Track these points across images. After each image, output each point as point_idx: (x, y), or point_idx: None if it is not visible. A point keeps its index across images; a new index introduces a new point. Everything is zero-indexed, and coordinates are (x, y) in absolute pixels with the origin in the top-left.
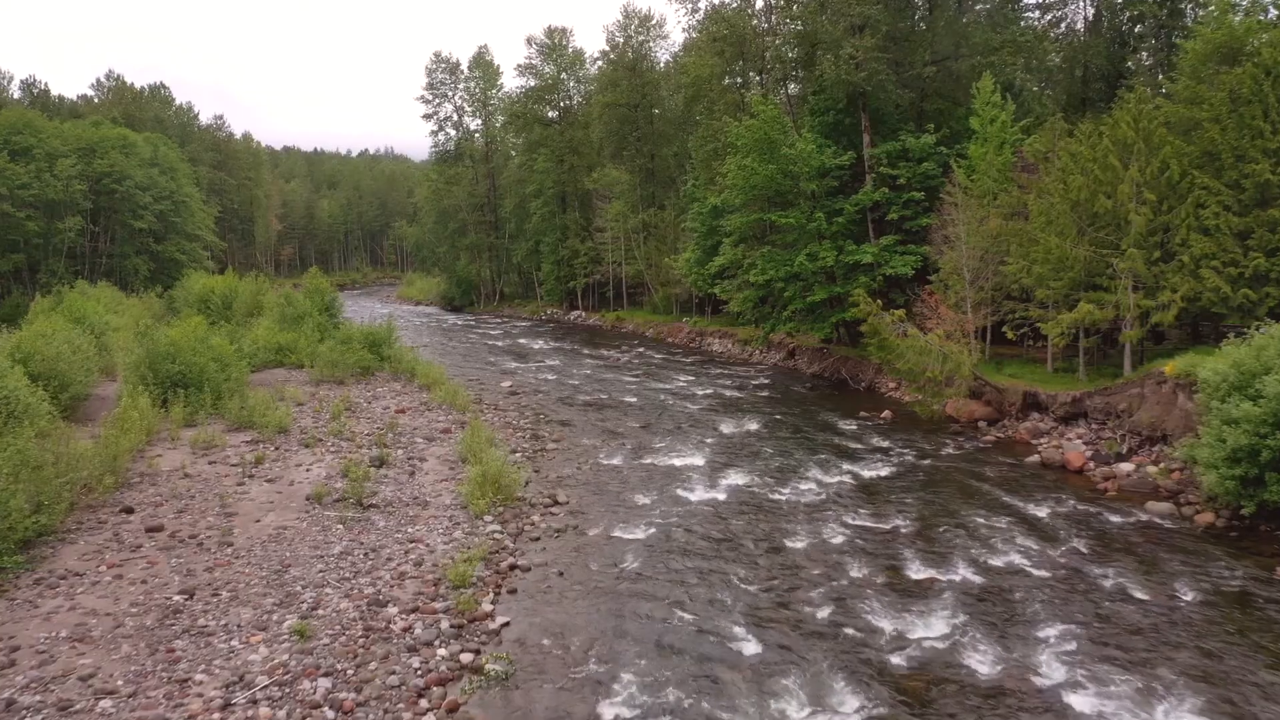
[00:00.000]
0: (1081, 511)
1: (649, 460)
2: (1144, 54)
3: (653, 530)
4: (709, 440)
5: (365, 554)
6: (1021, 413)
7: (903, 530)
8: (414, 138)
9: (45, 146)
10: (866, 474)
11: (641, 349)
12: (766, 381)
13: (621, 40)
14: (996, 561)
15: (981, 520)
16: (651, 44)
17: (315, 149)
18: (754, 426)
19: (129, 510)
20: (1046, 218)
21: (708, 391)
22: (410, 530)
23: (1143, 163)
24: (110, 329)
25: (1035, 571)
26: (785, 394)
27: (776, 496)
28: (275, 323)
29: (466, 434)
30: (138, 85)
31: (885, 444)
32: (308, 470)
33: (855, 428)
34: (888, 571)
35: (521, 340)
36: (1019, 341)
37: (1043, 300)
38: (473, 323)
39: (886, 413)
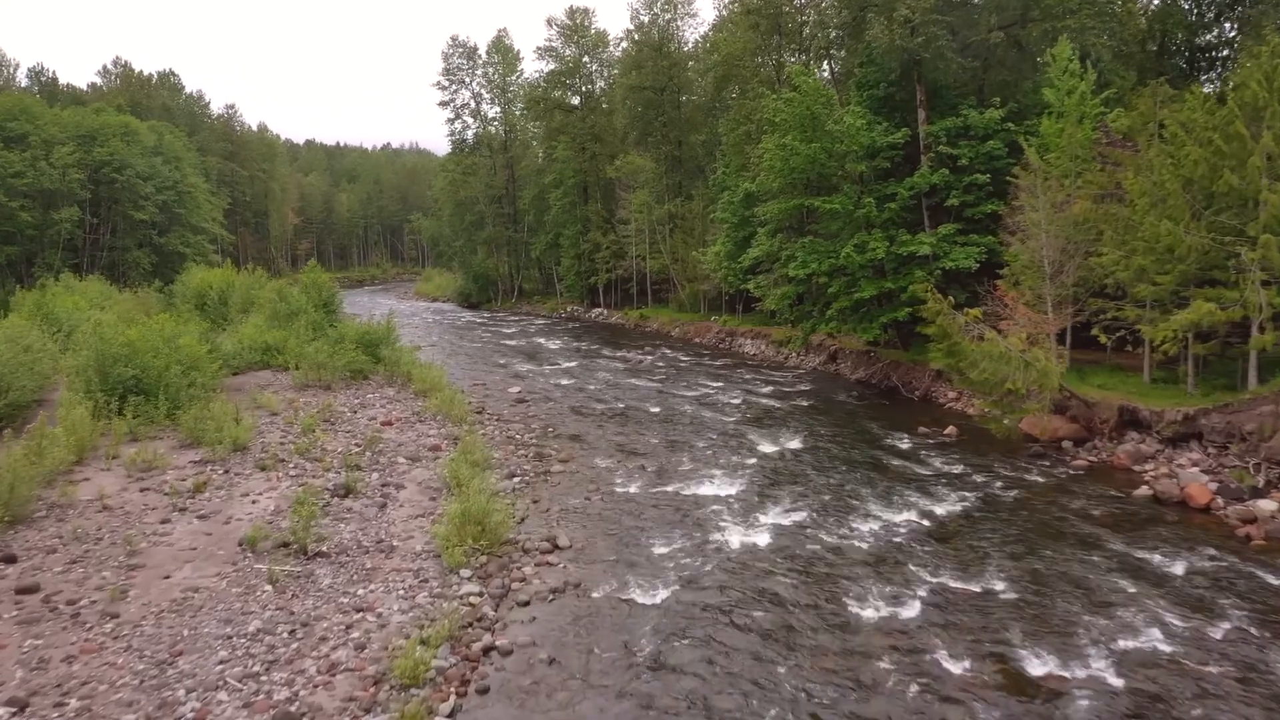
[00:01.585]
0: (1226, 569)
1: (673, 488)
2: (1229, 24)
3: (676, 591)
4: (744, 462)
5: (292, 631)
6: (1116, 432)
7: (1001, 594)
8: (439, 133)
9: (42, 133)
10: (939, 510)
11: (666, 350)
12: (806, 388)
13: (647, 19)
14: (1138, 646)
15: (1101, 580)
16: (679, 22)
17: (337, 143)
18: (796, 445)
19: (10, 559)
20: (1151, 199)
21: (740, 400)
22: (361, 592)
23: (1278, 130)
24: (89, 325)
25: (1194, 665)
26: (829, 404)
27: (831, 541)
28: (267, 320)
29: (457, 454)
30: (146, 72)
31: (955, 469)
32: (254, 502)
33: (915, 447)
34: (992, 661)
35: (538, 340)
36: (1103, 346)
37: (1139, 298)
38: (488, 320)
39: (951, 428)
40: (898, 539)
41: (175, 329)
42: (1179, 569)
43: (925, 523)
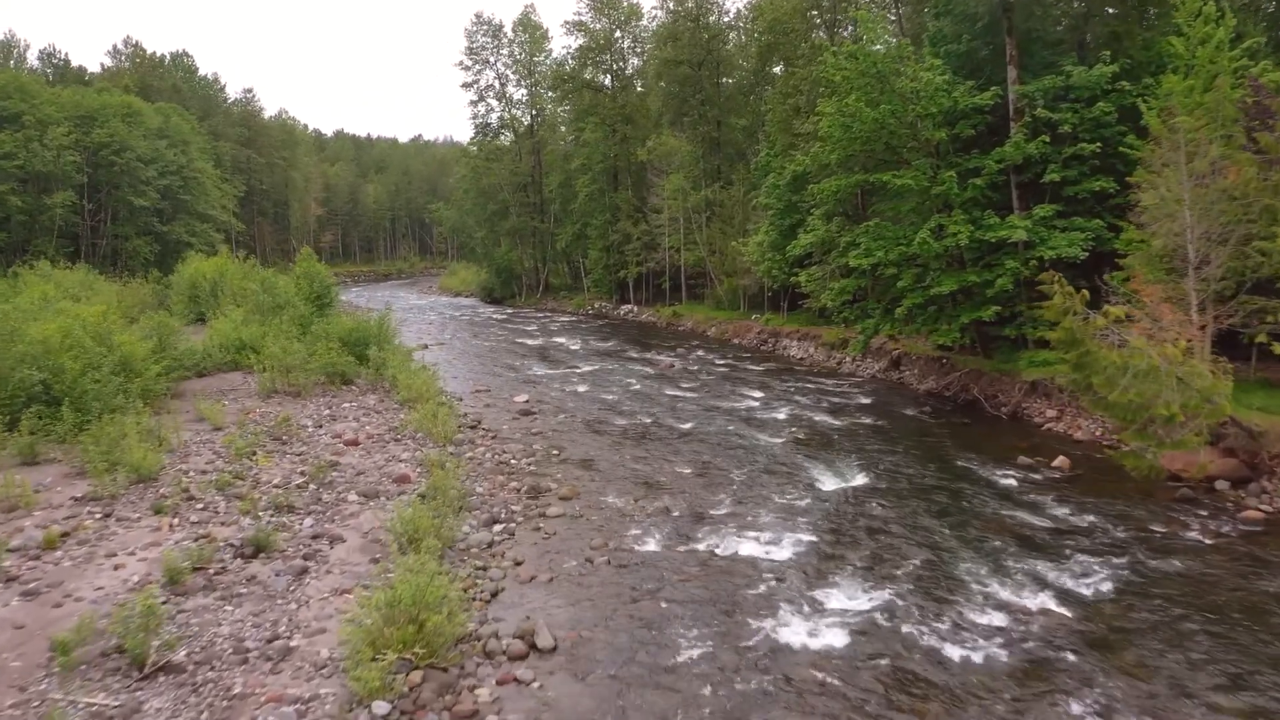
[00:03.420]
0: None
1: (705, 544)
2: None
3: None
4: (798, 505)
5: None
6: None
7: None
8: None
9: (38, 113)
10: (1079, 587)
11: (701, 352)
12: (866, 401)
13: None
14: None
15: None
16: None
17: (368, 135)
18: (863, 480)
19: None
20: None
21: (788, 415)
22: None
23: None
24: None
25: None
26: (896, 422)
27: (936, 644)
28: (247, 313)
29: (426, 488)
30: (159, 54)
31: (1081, 518)
32: (118, 566)
33: (1019, 485)
34: None
35: (558, 339)
36: (1245, 356)
37: None
38: (508, 317)
39: (1061, 459)
40: (1033, 640)
41: (108, 323)
42: None
43: (1065, 610)
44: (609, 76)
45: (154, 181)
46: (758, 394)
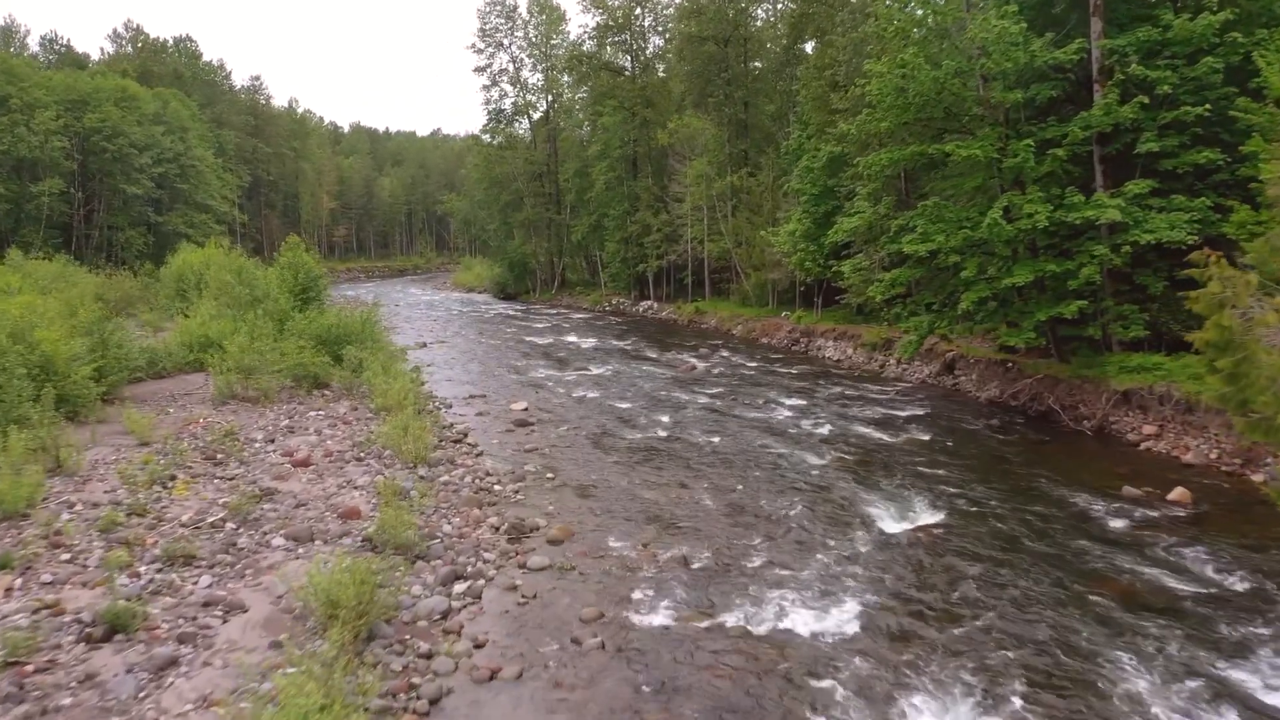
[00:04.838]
0: None
1: (734, 613)
2: None
3: None
4: (853, 553)
5: None
6: None
7: None
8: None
9: (26, 96)
10: (1270, 695)
11: (727, 353)
12: (920, 412)
13: None
14: None
15: None
16: None
17: (385, 129)
18: (931, 516)
19: None
20: None
21: (830, 429)
22: None
23: None
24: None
25: None
26: (960, 439)
27: None
28: (220, 308)
29: (376, 529)
30: (162, 38)
31: (1232, 578)
32: None
33: (1133, 526)
34: None
35: (570, 338)
36: None
37: None
38: (520, 313)
39: (1178, 491)
40: None
41: (32, 318)
42: None
43: None
44: (629, 57)
45: (149, 169)
46: (791, 402)
